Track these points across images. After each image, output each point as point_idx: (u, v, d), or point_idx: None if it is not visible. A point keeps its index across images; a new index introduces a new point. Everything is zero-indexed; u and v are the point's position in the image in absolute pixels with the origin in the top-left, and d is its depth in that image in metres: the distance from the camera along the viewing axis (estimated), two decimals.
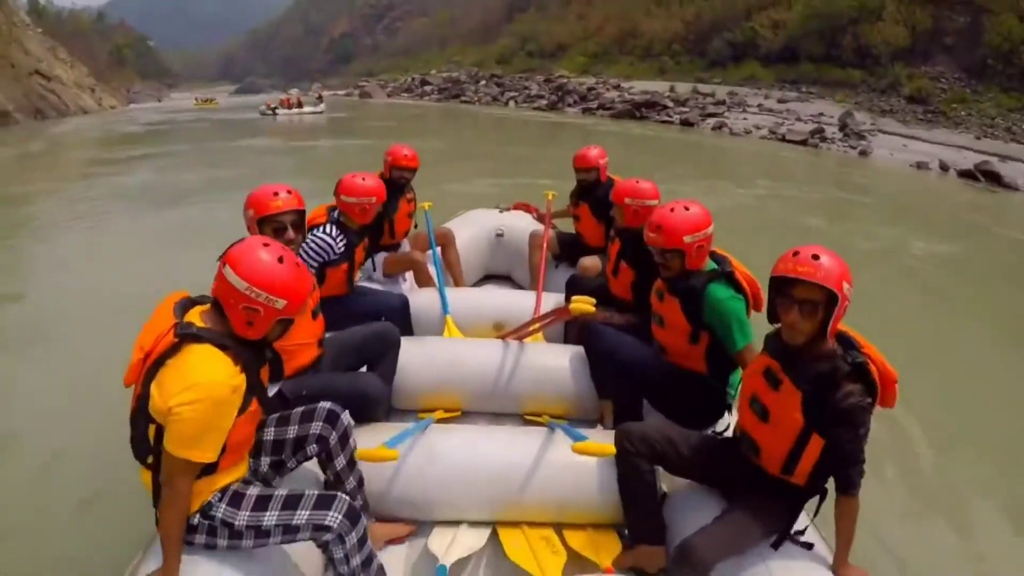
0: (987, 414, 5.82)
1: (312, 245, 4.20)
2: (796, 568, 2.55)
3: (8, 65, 49.17)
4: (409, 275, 5.59)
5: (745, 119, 34.43)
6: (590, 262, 5.25)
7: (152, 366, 2.24)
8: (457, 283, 5.92)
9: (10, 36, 53.32)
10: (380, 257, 5.49)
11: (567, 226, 6.21)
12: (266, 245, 2.43)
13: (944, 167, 25.35)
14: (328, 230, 4.29)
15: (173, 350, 2.22)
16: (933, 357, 6.98)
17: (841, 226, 13.82)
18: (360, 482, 3.01)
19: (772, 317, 2.64)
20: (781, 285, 2.49)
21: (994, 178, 24.24)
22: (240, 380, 2.27)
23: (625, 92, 45.29)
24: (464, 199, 10.44)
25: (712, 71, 47.20)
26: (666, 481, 3.16)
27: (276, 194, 3.35)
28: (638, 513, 3.06)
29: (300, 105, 47.09)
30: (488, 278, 6.78)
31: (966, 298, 9.56)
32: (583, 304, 3.51)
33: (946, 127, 32.63)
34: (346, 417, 2.90)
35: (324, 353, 3.67)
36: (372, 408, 3.52)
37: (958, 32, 39.65)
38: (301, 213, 3.47)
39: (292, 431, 2.83)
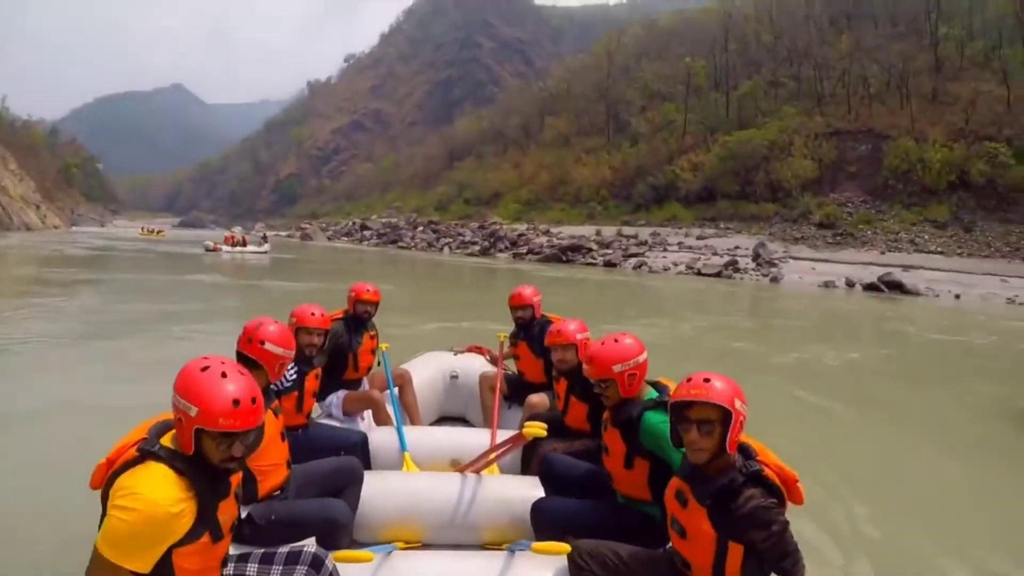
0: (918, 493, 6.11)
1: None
2: None
3: None
4: (367, 413, 5.60)
5: (664, 257, 35.93)
6: (537, 399, 5.35)
7: (112, 475, 2.25)
8: (414, 422, 5.95)
9: None
10: (341, 395, 5.52)
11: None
12: (205, 359, 2.37)
13: (850, 283, 26.97)
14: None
15: (132, 463, 2.23)
16: (850, 449, 7.36)
17: (760, 346, 14.52)
18: None
19: (676, 441, 2.75)
20: (679, 409, 2.64)
21: (897, 287, 26.21)
22: (186, 507, 2.21)
23: (554, 237, 46.71)
24: (412, 341, 10.70)
25: (637, 213, 49.19)
26: None
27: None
28: None
29: (244, 244, 46.47)
30: (443, 419, 6.72)
31: (879, 396, 10.14)
32: (535, 428, 3.64)
33: (854, 247, 34.77)
34: (330, 563, 2.84)
35: (291, 476, 3.75)
36: (339, 535, 3.52)
37: (860, 159, 43.02)
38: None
39: (276, 572, 2.78)
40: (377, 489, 4.11)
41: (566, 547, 2.98)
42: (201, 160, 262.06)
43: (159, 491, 2.14)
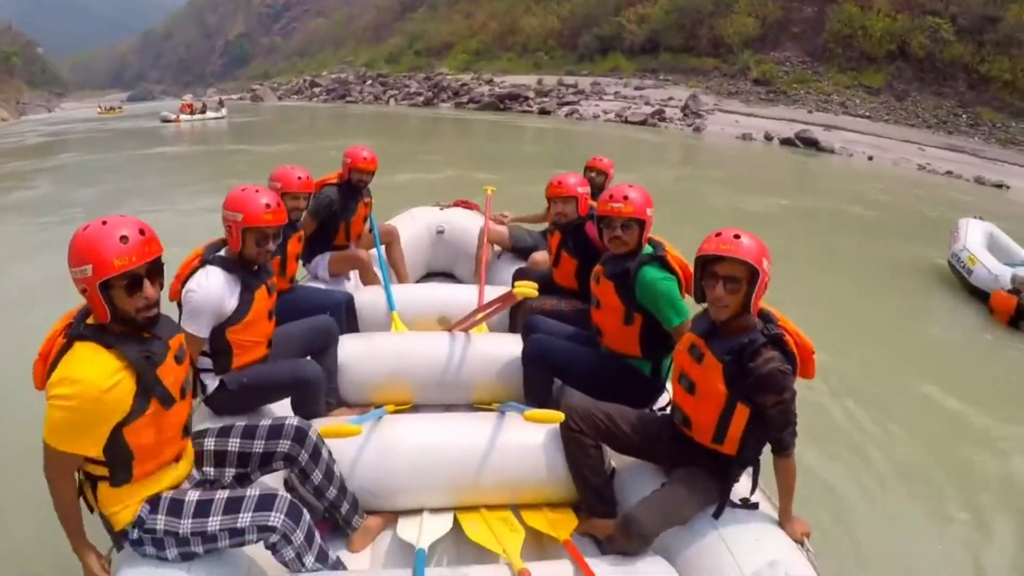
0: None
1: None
2: (745, 529, 2.71)
3: None
4: (354, 274, 5.57)
5: (596, 105, 36.33)
6: (541, 256, 5.26)
7: (49, 369, 2.19)
8: (402, 280, 5.87)
9: None
10: (326, 257, 5.44)
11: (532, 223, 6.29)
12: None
13: (768, 137, 27.67)
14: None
15: (63, 351, 2.19)
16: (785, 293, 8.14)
17: (681, 188, 15.69)
18: (342, 488, 3.00)
19: (699, 296, 2.74)
20: (706, 263, 2.63)
21: (812, 143, 27.01)
22: (121, 378, 2.17)
23: (496, 86, 46.67)
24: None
25: (581, 64, 48.88)
26: (615, 457, 3.28)
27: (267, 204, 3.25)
28: (588, 488, 3.16)
29: (204, 111, 45.60)
30: (430, 275, 6.73)
31: (804, 245, 11.22)
32: (526, 288, 3.56)
33: (785, 104, 35.20)
34: (314, 433, 2.84)
35: (270, 353, 3.64)
36: (312, 395, 3.52)
37: (805, 21, 42.53)
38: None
39: (259, 445, 2.77)
40: (365, 351, 4.13)
41: (560, 415, 3.03)
42: (145, 29, 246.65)
43: (90, 370, 2.12)
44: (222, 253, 3.26)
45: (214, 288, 3.10)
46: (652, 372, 3.58)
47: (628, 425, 3.06)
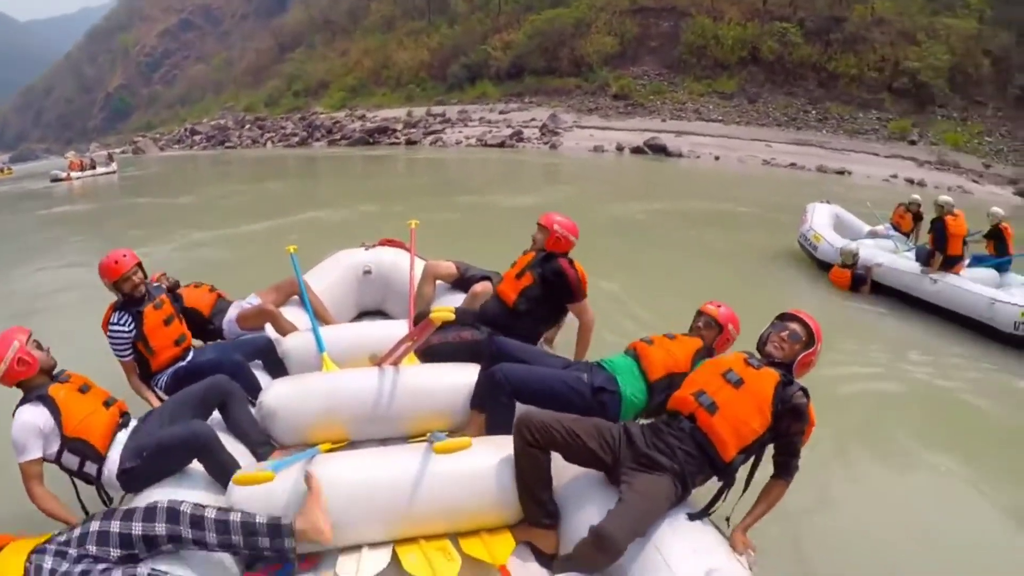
0: None
1: (110, 339, 4.34)
2: (683, 538, 2.88)
3: None
4: (268, 327, 5.33)
5: (460, 132, 37.21)
6: (481, 288, 5.28)
7: None
8: (327, 322, 5.71)
9: None
10: (233, 313, 5.38)
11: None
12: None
13: (620, 148, 28.92)
14: (113, 319, 4.33)
15: None
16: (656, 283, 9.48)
17: (536, 200, 16.13)
18: (250, 531, 2.95)
19: (761, 341, 3.39)
20: (789, 315, 3.39)
21: (660, 150, 28.34)
22: None
23: (367, 121, 47.12)
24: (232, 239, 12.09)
25: (451, 93, 49.74)
26: (554, 466, 3.31)
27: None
28: (534, 501, 3.24)
29: (93, 167, 44.70)
30: (363, 315, 6.67)
31: (661, 242, 12.22)
32: (444, 312, 3.58)
33: (641, 116, 36.64)
34: (187, 507, 2.87)
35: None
36: (210, 450, 3.48)
37: (662, 35, 44.48)
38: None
39: (136, 528, 2.82)
40: (296, 392, 4.15)
41: (467, 441, 3.28)
42: (23, 85, 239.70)
43: None
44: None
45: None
46: (625, 408, 3.79)
47: (588, 435, 3.17)
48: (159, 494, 3.25)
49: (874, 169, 25.82)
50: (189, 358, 4.71)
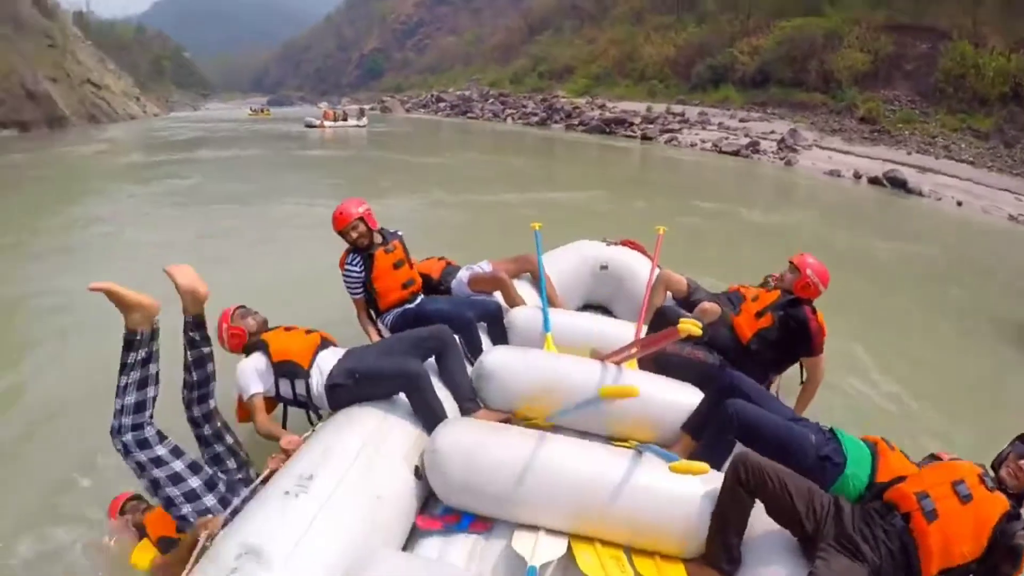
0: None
1: (344, 278, 5.07)
2: None
3: (64, 75, 51.23)
4: (497, 294, 5.53)
5: (697, 135, 37.38)
6: (710, 306, 4.92)
7: None
8: (554, 305, 5.70)
9: (65, 48, 55.37)
10: (465, 273, 5.66)
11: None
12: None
13: (857, 175, 28.19)
14: (347, 260, 5.03)
15: None
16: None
17: (774, 219, 16.73)
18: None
19: (997, 463, 3.13)
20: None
21: (900, 184, 27.29)
22: None
23: (607, 111, 48.15)
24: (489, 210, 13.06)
25: (693, 93, 49.57)
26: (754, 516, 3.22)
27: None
28: (721, 538, 3.14)
29: (345, 118, 48.37)
30: (588, 307, 6.69)
31: (889, 283, 11.63)
32: (691, 325, 3.32)
33: (887, 144, 35.10)
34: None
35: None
36: (417, 386, 3.80)
37: (918, 57, 41.96)
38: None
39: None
40: (516, 362, 4.27)
41: (705, 467, 3.00)
42: (285, 39, 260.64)
43: None
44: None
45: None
46: (849, 486, 3.44)
47: (798, 494, 3.07)
48: (363, 416, 3.66)
49: None
50: (418, 302, 5.16)
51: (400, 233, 5.23)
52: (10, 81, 41.33)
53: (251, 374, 4.01)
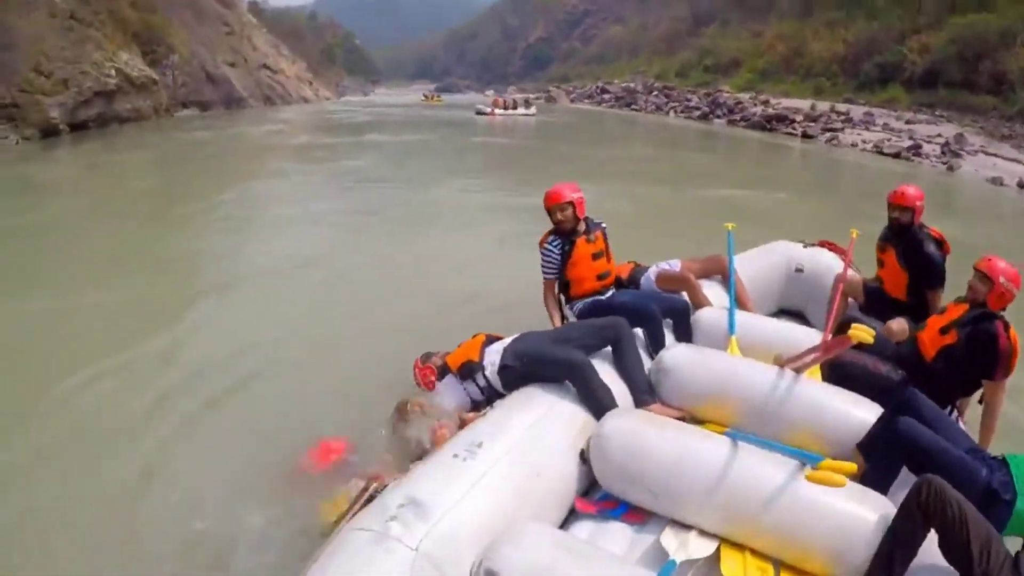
0: None
1: (542, 258, 5.11)
2: None
3: (242, 60, 57.22)
4: (683, 294, 5.48)
5: (859, 135, 37.20)
6: (898, 327, 4.63)
7: None
8: (745, 308, 5.66)
9: (242, 34, 61.14)
10: (654, 270, 5.73)
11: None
12: None
13: (1021, 184, 26.56)
14: (548, 241, 5.05)
15: None
16: None
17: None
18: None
19: None
20: None
21: None
22: None
23: (770, 107, 48.44)
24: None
25: (860, 92, 48.81)
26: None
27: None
28: (885, 563, 2.91)
29: (515, 107, 50.28)
30: (782, 312, 6.54)
31: None
32: (863, 332, 3.35)
33: None
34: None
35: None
36: (580, 375, 3.90)
37: None
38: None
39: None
40: (697, 362, 4.30)
41: (843, 480, 2.85)
42: (449, 27, 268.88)
43: None
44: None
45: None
46: (1016, 522, 3.22)
47: (976, 533, 2.75)
48: (537, 397, 3.87)
49: None
50: (609, 294, 5.18)
51: (604, 225, 5.22)
52: (192, 65, 46.34)
53: (444, 394, 4.42)
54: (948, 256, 5.29)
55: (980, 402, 4.23)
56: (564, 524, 3.45)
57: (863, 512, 3.08)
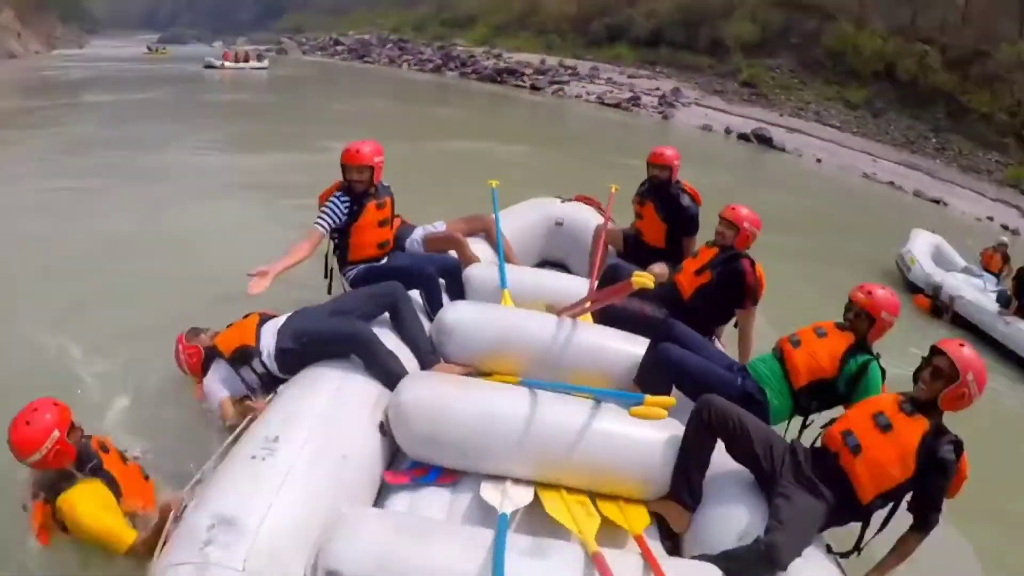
0: None
1: (322, 208, 4.70)
2: (820, 572, 2.95)
3: None
4: (453, 253, 5.52)
5: (584, 87, 38.39)
6: (660, 270, 5.12)
7: None
8: (512, 262, 5.78)
9: None
10: (419, 233, 5.63)
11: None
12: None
13: (728, 131, 29.89)
14: (336, 195, 4.72)
15: None
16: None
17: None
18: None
19: (915, 381, 3.25)
20: (932, 350, 3.23)
21: (765, 141, 29.25)
22: None
23: (501, 61, 48.52)
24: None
25: (589, 48, 50.17)
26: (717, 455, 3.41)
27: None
28: (685, 476, 3.31)
29: (247, 59, 46.29)
30: (545, 264, 6.80)
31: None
32: (644, 279, 3.47)
33: (764, 107, 36.86)
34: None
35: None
36: (365, 347, 3.83)
37: (804, 33, 43.80)
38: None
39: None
40: (475, 317, 4.33)
41: (663, 412, 3.38)
42: None
43: None
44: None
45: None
46: (774, 415, 3.88)
47: (757, 436, 3.29)
48: (325, 376, 3.68)
49: (973, 208, 25.77)
50: (383, 261, 5.05)
51: (391, 190, 5.07)
52: None
53: (215, 385, 4.02)
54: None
55: (735, 327, 4.87)
56: (378, 501, 3.38)
57: (656, 435, 3.45)
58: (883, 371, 3.78)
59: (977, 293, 10.31)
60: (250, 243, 8.08)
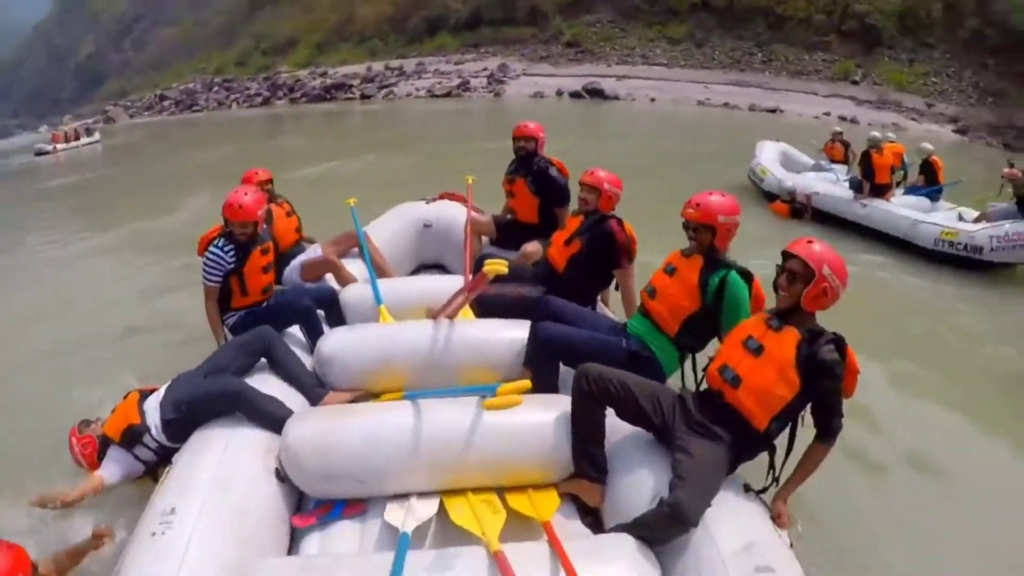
0: None
1: (206, 261, 4.49)
2: (724, 510, 2.88)
3: None
4: (330, 276, 5.54)
5: (412, 84, 38.10)
6: (532, 248, 5.17)
7: None
8: (387, 275, 5.74)
9: None
10: (296, 267, 5.54)
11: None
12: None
13: (559, 93, 30.17)
14: (217, 243, 4.50)
15: None
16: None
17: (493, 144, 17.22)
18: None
19: (775, 286, 3.14)
20: (783, 256, 3.09)
21: (597, 93, 29.71)
22: None
23: (328, 78, 47.70)
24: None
25: (411, 46, 50.04)
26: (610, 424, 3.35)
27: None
28: (583, 450, 3.27)
29: (78, 137, 44.81)
30: (421, 268, 6.77)
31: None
32: (497, 265, 3.61)
33: (591, 62, 37.36)
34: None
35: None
36: (242, 401, 3.72)
37: None
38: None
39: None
40: (352, 341, 4.28)
41: (518, 399, 3.24)
42: None
43: None
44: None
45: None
46: (666, 366, 3.84)
47: (641, 393, 3.22)
48: (212, 437, 3.52)
49: (809, 108, 26.67)
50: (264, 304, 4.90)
51: (271, 234, 5.04)
52: None
53: (113, 471, 3.79)
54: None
55: (616, 289, 4.77)
56: (292, 547, 3.27)
57: (547, 416, 3.43)
58: (749, 275, 3.68)
59: (830, 185, 11.03)
60: (116, 305, 7.89)
